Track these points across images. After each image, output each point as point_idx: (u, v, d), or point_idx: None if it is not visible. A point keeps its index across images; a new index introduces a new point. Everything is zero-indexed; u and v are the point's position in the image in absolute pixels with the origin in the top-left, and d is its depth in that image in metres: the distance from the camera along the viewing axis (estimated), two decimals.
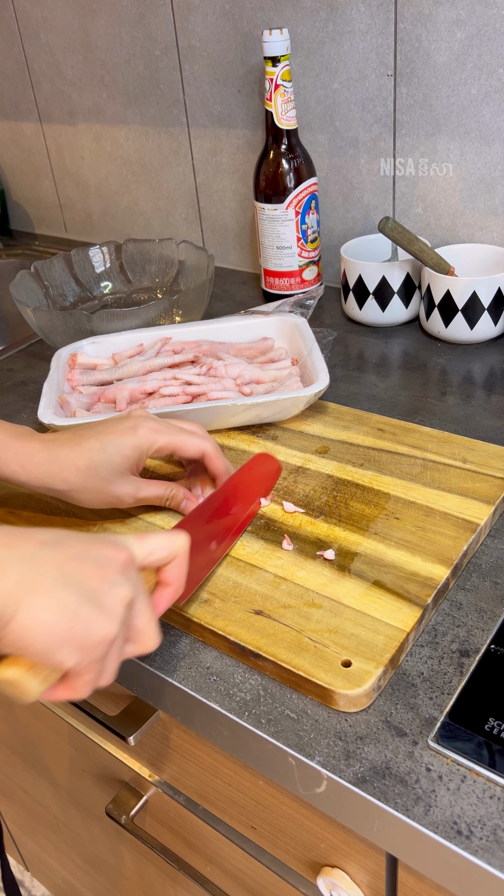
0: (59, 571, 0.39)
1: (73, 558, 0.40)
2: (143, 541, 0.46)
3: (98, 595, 0.40)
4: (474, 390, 0.78)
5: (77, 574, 0.40)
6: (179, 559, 0.47)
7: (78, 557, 0.41)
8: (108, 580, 0.41)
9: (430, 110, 0.89)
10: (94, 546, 0.42)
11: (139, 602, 0.43)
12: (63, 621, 0.38)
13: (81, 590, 0.39)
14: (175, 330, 0.84)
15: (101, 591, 0.40)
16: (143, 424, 0.58)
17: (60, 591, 0.39)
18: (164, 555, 0.46)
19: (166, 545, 0.46)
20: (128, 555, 0.43)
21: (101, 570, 0.41)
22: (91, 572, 0.40)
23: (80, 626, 0.39)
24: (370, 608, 0.52)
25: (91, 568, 0.41)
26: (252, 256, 1.18)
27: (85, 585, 0.40)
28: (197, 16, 1.04)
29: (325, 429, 0.72)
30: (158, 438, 0.58)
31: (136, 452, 0.58)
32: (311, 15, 0.93)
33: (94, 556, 0.41)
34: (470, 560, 0.57)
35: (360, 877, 0.54)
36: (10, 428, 0.59)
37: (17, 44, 1.30)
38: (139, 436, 0.58)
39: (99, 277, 1.08)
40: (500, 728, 0.44)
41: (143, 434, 0.58)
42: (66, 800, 0.93)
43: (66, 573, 0.39)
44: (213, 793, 0.63)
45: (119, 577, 0.41)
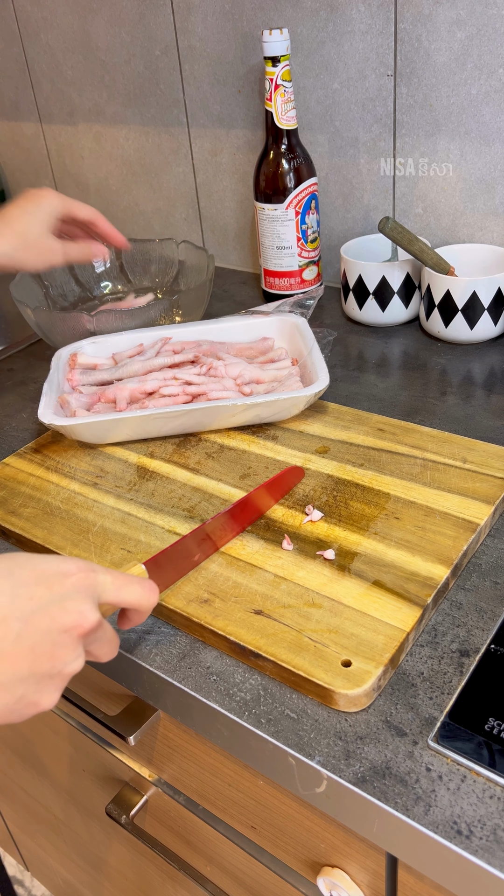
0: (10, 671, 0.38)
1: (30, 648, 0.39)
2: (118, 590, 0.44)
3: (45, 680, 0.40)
4: (474, 390, 0.78)
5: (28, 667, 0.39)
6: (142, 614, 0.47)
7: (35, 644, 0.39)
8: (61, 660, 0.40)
9: (430, 110, 0.89)
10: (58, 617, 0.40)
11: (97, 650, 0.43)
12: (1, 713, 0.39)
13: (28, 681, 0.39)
14: (175, 330, 0.84)
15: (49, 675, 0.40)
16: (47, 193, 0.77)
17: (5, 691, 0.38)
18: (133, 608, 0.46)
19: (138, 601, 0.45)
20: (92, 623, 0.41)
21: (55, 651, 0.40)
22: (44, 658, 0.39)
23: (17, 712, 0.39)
24: (370, 608, 0.52)
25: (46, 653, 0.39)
26: (252, 256, 1.18)
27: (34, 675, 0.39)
28: (197, 16, 1.04)
29: (325, 429, 0.72)
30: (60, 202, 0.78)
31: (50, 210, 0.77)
32: (311, 15, 0.93)
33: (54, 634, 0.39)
34: (470, 560, 0.57)
35: (360, 877, 0.54)
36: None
37: (17, 44, 1.30)
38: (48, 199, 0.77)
39: (99, 277, 1.08)
40: (500, 728, 0.44)
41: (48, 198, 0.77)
42: (66, 800, 0.93)
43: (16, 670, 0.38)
44: (213, 793, 0.63)
45: (72, 654, 0.40)
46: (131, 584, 0.44)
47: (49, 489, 0.69)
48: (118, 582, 0.44)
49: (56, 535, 0.63)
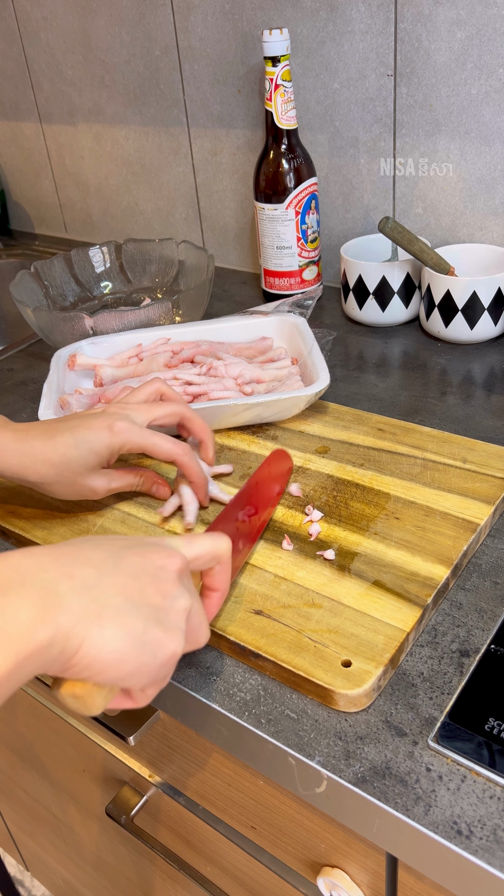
0: (121, 596, 0.38)
1: (133, 577, 0.39)
2: (190, 544, 0.45)
3: (160, 613, 0.39)
4: (474, 390, 0.78)
5: (138, 595, 0.39)
6: (223, 563, 0.47)
7: (136, 575, 0.40)
8: (168, 594, 0.40)
9: (430, 110, 0.89)
10: (148, 557, 0.41)
11: (195, 605, 0.43)
12: (132, 648, 0.37)
13: (145, 611, 0.39)
14: (175, 330, 0.84)
15: (163, 608, 0.40)
16: (118, 423, 0.58)
17: (125, 617, 0.38)
18: (209, 559, 0.46)
19: (212, 548, 0.46)
20: (181, 561, 0.42)
21: (159, 585, 0.40)
22: (151, 590, 0.40)
23: (148, 651, 0.38)
24: (370, 608, 0.52)
25: (150, 585, 0.40)
26: (252, 256, 1.18)
27: (147, 606, 0.39)
28: (197, 16, 1.04)
29: (325, 429, 0.72)
30: (130, 439, 0.59)
31: (107, 451, 0.58)
32: (311, 15, 0.93)
33: (150, 570, 0.41)
34: (470, 560, 0.57)
35: (360, 877, 0.54)
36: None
37: (17, 44, 1.30)
38: (113, 434, 0.58)
39: (99, 277, 1.08)
40: (500, 728, 0.44)
41: (117, 433, 0.58)
42: (66, 800, 0.93)
43: (128, 596, 0.38)
44: (213, 793, 0.63)
45: (177, 589, 0.41)
46: (198, 536, 0.46)
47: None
48: (186, 537, 0.45)
49: (56, 535, 0.63)
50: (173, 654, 0.40)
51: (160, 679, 0.40)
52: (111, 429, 0.58)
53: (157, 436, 0.59)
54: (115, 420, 0.59)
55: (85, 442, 0.58)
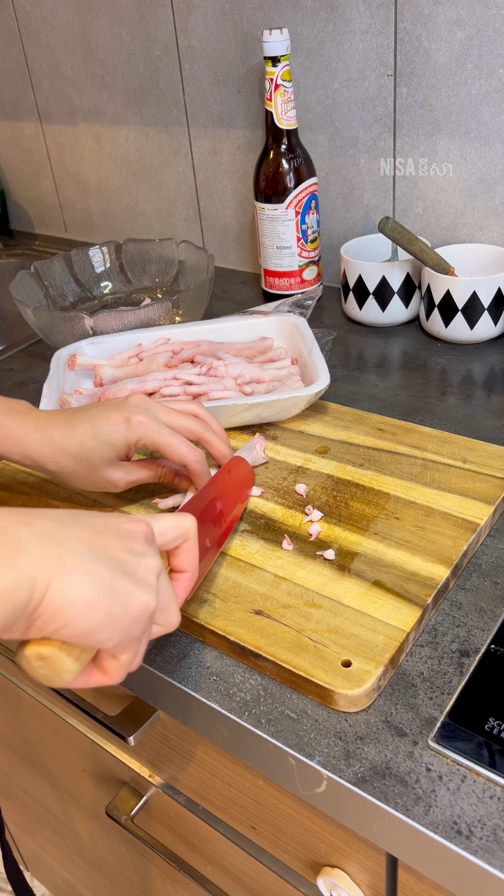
0: (85, 546, 0.37)
1: (97, 533, 0.38)
2: (155, 520, 0.44)
3: (129, 566, 0.38)
4: (474, 390, 0.78)
5: (104, 547, 0.38)
6: (189, 542, 0.46)
7: (101, 532, 0.39)
8: (137, 551, 0.39)
9: (430, 110, 0.89)
10: (113, 520, 0.41)
11: (162, 576, 0.41)
12: (101, 596, 0.35)
13: (112, 562, 0.37)
14: (175, 330, 0.84)
15: (131, 563, 0.38)
16: (136, 416, 0.57)
17: (91, 565, 0.36)
18: (176, 535, 0.45)
19: (177, 524, 0.45)
20: (147, 527, 0.42)
21: (126, 542, 0.39)
22: (118, 544, 0.38)
23: (119, 600, 0.36)
24: (370, 608, 0.52)
25: (117, 540, 0.39)
26: (252, 256, 1.18)
27: (115, 558, 0.38)
28: (197, 16, 1.04)
29: (325, 429, 0.72)
30: (147, 434, 0.57)
31: (124, 443, 0.58)
32: (311, 15, 0.93)
33: (115, 529, 0.40)
34: (470, 560, 0.57)
35: (360, 877, 0.54)
36: (4, 404, 0.58)
37: (17, 44, 1.30)
38: (130, 427, 0.57)
39: (99, 277, 1.08)
40: (500, 728, 0.44)
41: (135, 426, 0.57)
42: (66, 800, 0.93)
43: (93, 547, 0.37)
44: (213, 793, 0.63)
45: (145, 548, 0.40)
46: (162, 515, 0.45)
47: (49, 489, 0.69)
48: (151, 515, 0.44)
49: None
50: (145, 606, 0.38)
51: (133, 637, 0.38)
52: (129, 421, 0.57)
53: (174, 436, 0.58)
54: (134, 413, 0.57)
55: (102, 433, 0.57)
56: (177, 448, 0.58)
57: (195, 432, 0.60)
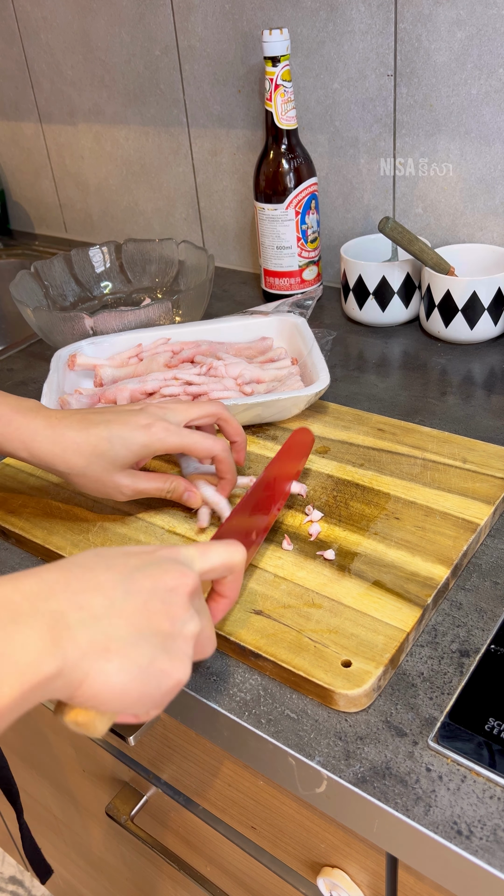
0: (129, 626, 0.37)
1: (142, 604, 0.38)
2: (204, 555, 0.44)
3: (168, 641, 0.38)
4: (474, 390, 0.78)
5: (147, 624, 0.38)
6: (236, 574, 0.46)
7: (146, 602, 0.39)
8: (178, 618, 0.39)
9: (430, 110, 0.89)
10: (160, 579, 0.40)
11: (203, 622, 0.42)
12: (136, 682, 0.36)
13: (153, 640, 0.38)
14: (175, 330, 0.84)
15: (171, 635, 0.39)
16: (157, 424, 0.57)
17: (132, 648, 0.37)
18: (223, 569, 0.45)
19: (226, 559, 0.45)
20: (194, 581, 0.41)
21: (169, 609, 0.39)
22: (161, 616, 0.39)
23: (153, 682, 0.37)
24: (370, 608, 0.52)
25: (160, 611, 0.39)
26: (252, 256, 1.18)
27: (156, 634, 0.38)
28: (197, 16, 1.04)
29: (325, 429, 0.72)
30: (167, 440, 0.57)
31: (142, 450, 0.57)
32: (311, 15, 0.93)
33: (160, 594, 0.39)
34: (470, 560, 0.57)
35: (360, 877, 0.54)
36: (13, 401, 0.58)
37: (17, 44, 1.30)
38: (151, 434, 0.57)
39: (99, 277, 1.08)
40: (500, 728, 0.44)
41: (156, 434, 0.57)
42: (66, 800, 0.93)
43: (136, 627, 0.38)
44: (213, 793, 0.63)
45: (187, 613, 0.40)
46: (213, 546, 0.45)
47: (49, 489, 0.69)
48: (201, 547, 0.44)
49: (56, 535, 0.63)
50: (178, 682, 0.39)
51: (163, 704, 0.40)
52: (148, 429, 0.57)
53: (195, 434, 0.58)
54: (153, 420, 0.57)
55: (120, 438, 0.56)
56: (202, 443, 0.58)
57: (213, 414, 0.60)
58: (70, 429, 0.57)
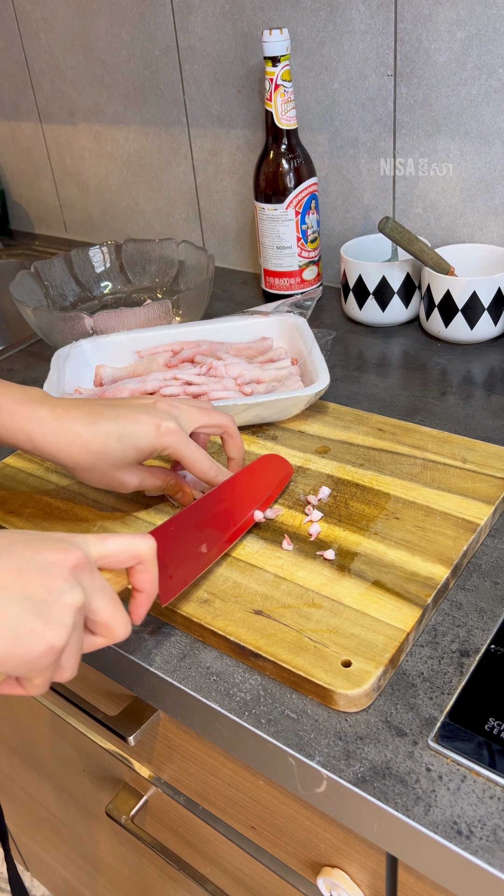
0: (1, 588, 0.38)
1: (17, 571, 0.39)
2: (101, 541, 0.44)
3: (42, 605, 0.39)
4: (474, 390, 0.78)
5: (21, 587, 0.39)
6: (145, 564, 0.46)
7: (22, 569, 0.39)
8: (55, 588, 0.40)
9: (430, 110, 0.89)
10: (41, 552, 0.41)
11: (96, 600, 0.42)
12: (3, 640, 0.37)
13: (24, 603, 0.38)
14: (175, 330, 0.84)
15: (46, 601, 0.39)
16: (165, 424, 0.56)
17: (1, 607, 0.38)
18: (125, 558, 0.45)
19: (128, 548, 0.45)
20: (79, 556, 0.41)
21: (46, 579, 0.40)
22: (36, 583, 0.39)
23: (21, 642, 0.38)
24: (370, 608, 0.52)
25: (36, 578, 0.39)
26: (252, 256, 1.18)
27: (29, 598, 0.39)
28: (197, 16, 1.04)
29: (325, 429, 0.72)
30: (175, 444, 0.56)
31: (150, 449, 0.56)
32: (311, 15, 0.93)
33: (40, 564, 0.40)
34: (470, 560, 0.57)
35: (360, 877, 0.54)
36: (17, 391, 0.56)
37: (17, 44, 1.30)
38: (159, 434, 0.56)
39: (99, 277, 1.08)
40: (500, 728, 0.44)
41: (164, 435, 0.56)
42: (66, 800, 0.93)
43: (8, 587, 0.38)
44: (213, 793, 0.63)
45: (66, 584, 0.40)
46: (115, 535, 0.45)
47: (49, 489, 0.69)
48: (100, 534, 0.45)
49: None
50: (50, 646, 0.39)
51: (40, 669, 0.40)
52: (158, 428, 0.56)
53: (200, 452, 0.58)
54: (164, 419, 0.56)
55: (129, 436, 0.55)
56: (201, 464, 0.58)
57: (221, 426, 0.60)
58: (77, 422, 0.55)
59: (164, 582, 0.51)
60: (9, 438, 0.56)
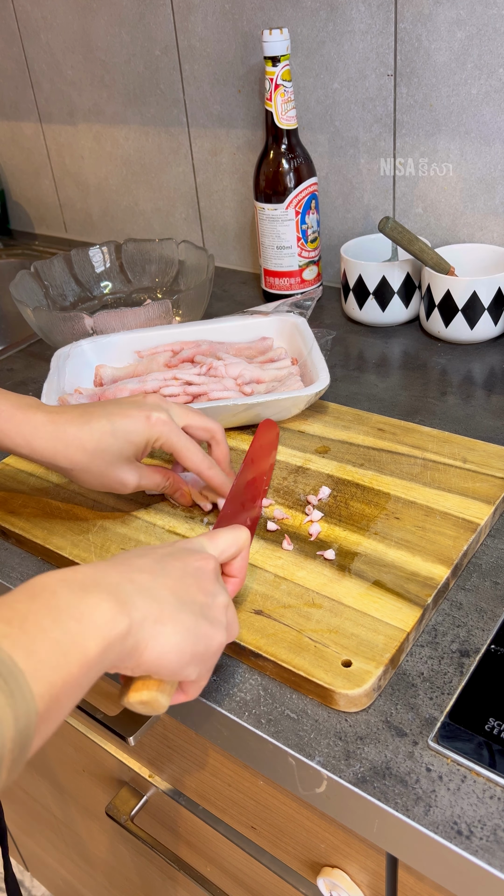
0: (173, 595, 0.42)
1: (179, 579, 0.43)
2: (213, 541, 0.48)
3: (206, 609, 0.43)
4: (474, 390, 0.78)
5: (186, 594, 0.42)
6: (244, 553, 0.50)
7: (181, 578, 0.43)
8: (209, 592, 0.44)
9: (430, 110, 0.89)
10: (188, 561, 0.45)
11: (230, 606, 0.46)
12: (188, 643, 0.41)
13: (194, 608, 0.42)
14: (175, 330, 0.84)
15: (207, 605, 0.43)
16: (156, 415, 0.57)
17: (179, 614, 0.41)
18: (233, 552, 0.49)
19: (234, 542, 0.49)
20: (214, 561, 0.46)
21: (201, 584, 0.44)
22: (195, 589, 0.43)
23: (202, 643, 0.42)
24: (370, 608, 0.52)
25: (194, 585, 0.43)
26: (252, 256, 1.18)
27: (195, 602, 0.43)
28: (197, 16, 1.04)
29: (325, 429, 0.72)
30: (166, 434, 0.57)
31: (144, 441, 0.57)
32: (311, 15, 0.93)
33: (191, 572, 0.44)
34: (470, 560, 0.57)
35: (360, 877, 0.54)
36: (13, 398, 0.58)
37: (17, 44, 1.30)
38: (150, 425, 0.57)
39: (99, 277, 1.08)
40: (500, 728, 0.44)
41: (156, 425, 0.57)
42: (66, 800, 0.93)
43: (179, 596, 0.42)
44: (213, 793, 0.63)
45: (215, 587, 0.45)
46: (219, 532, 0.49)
47: (49, 489, 0.69)
48: (208, 535, 0.48)
49: (56, 535, 0.63)
50: (220, 644, 0.43)
51: (210, 667, 0.44)
52: (149, 419, 0.57)
53: (193, 444, 0.59)
54: (154, 411, 0.57)
55: (122, 430, 0.56)
56: (193, 454, 0.59)
57: (210, 430, 0.61)
58: (71, 424, 0.57)
59: None
60: (6, 443, 0.57)
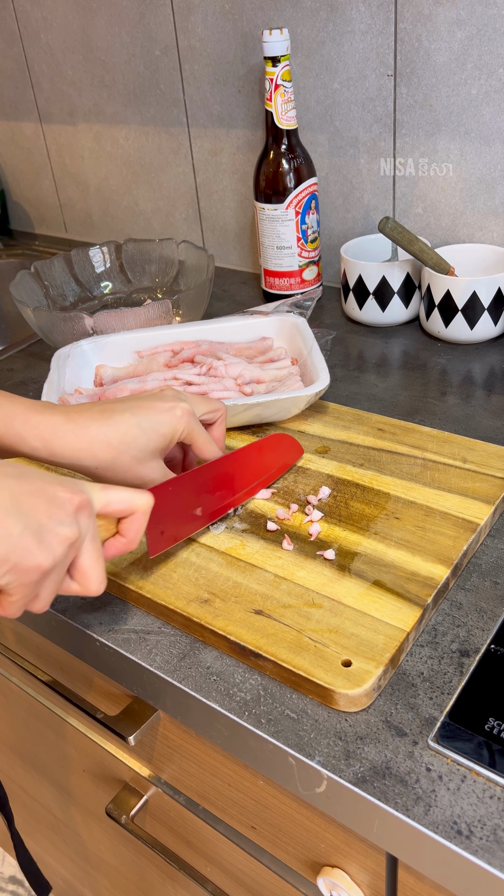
0: (11, 500, 0.41)
1: (28, 493, 0.42)
2: (105, 491, 0.47)
3: (42, 529, 0.42)
4: (474, 390, 0.78)
5: (27, 507, 0.42)
6: (138, 515, 0.48)
7: (33, 493, 0.42)
8: (56, 518, 0.43)
9: (430, 110, 0.89)
10: (52, 485, 0.44)
11: (86, 545, 0.45)
12: (3, 544, 0.40)
13: (26, 520, 0.41)
14: (175, 330, 0.84)
15: (45, 527, 0.42)
16: (180, 407, 0.56)
17: (6, 517, 0.41)
18: (122, 507, 0.48)
19: (127, 500, 0.48)
20: (84, 499, 0.44)
21: (51, 508, 0.43)
22: (41, 509, 0.42)
23: (17, 551, 0.41)
24: (370, 608, 0.52)
25: (42, 504, 0.42)
26: (252, 256, 1.18)
27: (32, 518, 0.42)
28: (197, 16, 1.04)
29: (325, 429, 0.72)
30: (191, 425, 0.57)
31: (172, 433, 0.56)
32: (311, 15, 0.93)
33: (49, 494, 0.43)
34: (470, 560, 0.57)
35: (360, 877, 0.54)
36: (27, 402, 0.55)
37: (17, 44, 1.30)
38: (178, 417, 0.56)
39: (99, 277, 1.08)
40: (500, 728, 0.44)
41: (182, 418, 0.56)
42: (66, 800, 0.93)
43: (17, 503, 0.41)
44: (213, 793, 0.63)
45: (67, 518, 0.43)
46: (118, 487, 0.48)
47: None
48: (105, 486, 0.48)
49: None
50: (40, 564, 0.42)
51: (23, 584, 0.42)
52: (175, 410, 0.56)
53: (207, 434, 0.59)
54: (179, 402, 0.57)
55: (148, 422, 0.55)
56: (210, 448, 0.59)
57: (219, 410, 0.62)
58: (93, 421, 0.54)
59: (154, 536, 0.53)
60: (22, 448, 0.54)
